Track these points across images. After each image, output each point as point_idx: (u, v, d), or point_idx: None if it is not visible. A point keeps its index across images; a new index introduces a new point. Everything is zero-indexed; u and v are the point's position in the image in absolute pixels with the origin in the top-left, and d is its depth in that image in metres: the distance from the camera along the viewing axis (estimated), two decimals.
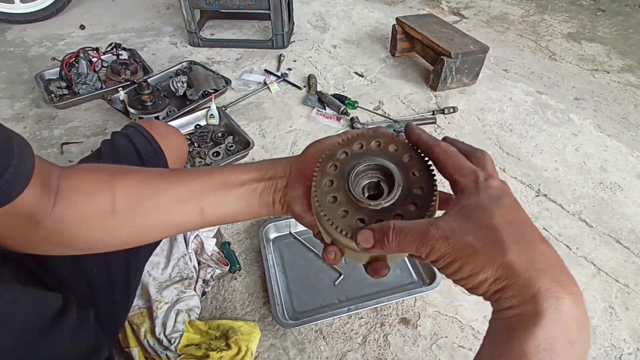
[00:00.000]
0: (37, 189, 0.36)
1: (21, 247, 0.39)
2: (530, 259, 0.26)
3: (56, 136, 1.36)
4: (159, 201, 0.41)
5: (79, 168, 0.42)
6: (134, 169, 0.43)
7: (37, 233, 0.37)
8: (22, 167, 0.34)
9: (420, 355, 0.83)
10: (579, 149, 1.35)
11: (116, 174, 0.41)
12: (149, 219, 0.41)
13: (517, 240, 0.26)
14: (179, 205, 0.41)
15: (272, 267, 0.94)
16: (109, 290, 0.56)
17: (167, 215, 0.41)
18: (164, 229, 0.43)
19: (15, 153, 0.32)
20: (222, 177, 0.41)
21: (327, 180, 0.33)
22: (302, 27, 2.09)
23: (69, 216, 0.38)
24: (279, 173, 0.41)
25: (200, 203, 0.41)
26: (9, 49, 1.88)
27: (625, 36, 2.11)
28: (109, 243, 0.42)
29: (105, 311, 0.55)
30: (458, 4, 2.45)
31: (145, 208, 0.41)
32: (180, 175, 0.42)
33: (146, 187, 0.41)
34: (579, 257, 1.02)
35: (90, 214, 0.39)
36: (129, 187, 0.40)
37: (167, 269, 0.88)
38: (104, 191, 0.40)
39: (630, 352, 0.84)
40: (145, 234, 0.43)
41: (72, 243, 0.41)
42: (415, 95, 1.60)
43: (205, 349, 0.78)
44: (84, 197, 0.39)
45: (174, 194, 0.41)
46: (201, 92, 1.46)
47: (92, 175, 0.41)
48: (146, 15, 2.21)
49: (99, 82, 1.51)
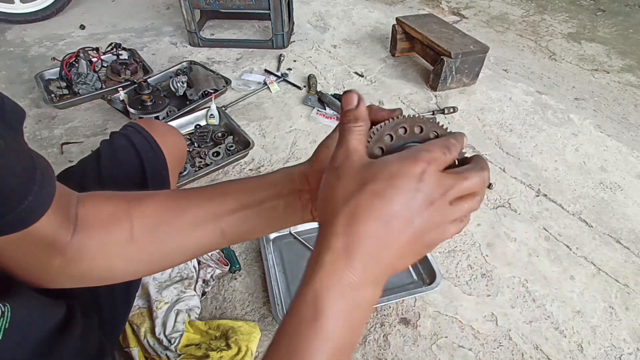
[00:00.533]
0: (57, 216, 0.35)
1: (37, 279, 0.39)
2: (350, 223, 0.29)
3: (56, 136, 1.36)
4: (177, 225, 0.40)
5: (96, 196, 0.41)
6: (147, 194, 0.43)
7: (55, 263, 0.37)
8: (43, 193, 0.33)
9: (420, 355, 0.83)
10: (579, 149, 1.35)
11: (131, 201, 0.41)
12: (169, 244, 0.41)
13: (360, 206, 0.29)
14: (197, 228, 0.40)
15: (272, 267, 0.94)
16: (110, 294, 0.56)
17: (187, 238, 0.41)
18: (185, 253, 0.43)
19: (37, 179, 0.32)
20: (238, 198, 0.41)
21: None
22: (302, 27, 2.09)
23: (88, 245, 0.38)
24: (297, 186, 0.40)
25: (219, 225, 0.41)
26: (9, 49, 1.88)
27: (625, 36, 2.11)
28: (128, 271, 0.42)
29: (106, 316, 0.55)
30: (458, 4, 2.45)
31: (164, 233, 0.40)
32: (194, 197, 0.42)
33: (162, 212, 0.41)
34: (579, 257, 1.02)
35: (109, 243, 0.39)
36: (145, 214, 0.40)
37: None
38: (122, 219, 0.39)
39: (630, 352, 0.84)
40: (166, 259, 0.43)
41: (90, 273, 0.40)
42: (415, 95, 1.60)
43: (205, 349, 0.78)
44: (101, 225, 0.39)
45: (191, 218, 0.40)
46: (201, 92, 1.46)
47: (109, 203, 0.41)
48: (146, 15, 2.22)
49: (99, 82, 1.51)
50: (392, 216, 0.28)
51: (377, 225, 0.28)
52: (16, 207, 0.31)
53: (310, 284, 0.29)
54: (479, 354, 0.83)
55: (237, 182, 0.43)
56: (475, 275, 0.97)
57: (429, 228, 0.30)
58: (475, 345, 0.84)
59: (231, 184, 0.43)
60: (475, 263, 0.99)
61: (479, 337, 0.85)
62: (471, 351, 0.83)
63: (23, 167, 0.31)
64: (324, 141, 0.39)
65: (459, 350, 0.83)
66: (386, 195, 0.28)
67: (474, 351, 0.83)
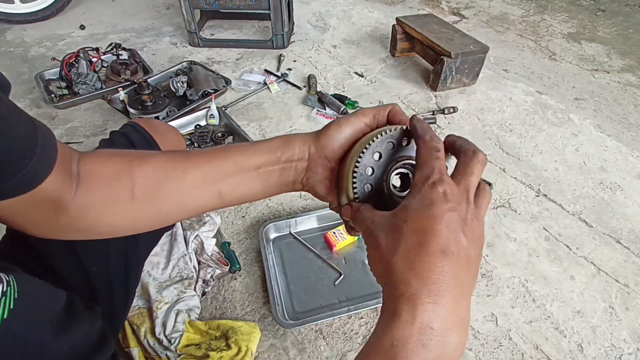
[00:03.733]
0: (60, 175, 0.36)
1: (46, 232, 0.40)
2: (411, 266, 0.28)
3: (56, 136, 1.35)
4: (177, 185, 0.41)
5: (97, 154, 0.42)
6: (150, 154, 0.43)
7: (61, 219, 0.38)
8: (47, 154, 0.34)
9: None
10: (579, 149, 1.35)
11: (133, 159, 0.42)
12: (168, 203, 0.42)
13: (411, 249, 0.28)
14: (196, 189, 0.41)
15: (272, 267, 0.94)
16: (108, 288, 0.57)
17: (186, 199, 0.42)
18: (183, 212, 0.44)
19: (39, 142, 0.33)
20: (236, 160, 0.41)
21: (368, 167, 0.36)
22: (302, 27, 2.09)
23: (90, 202, 0.39)
24: (296, 155, 0.41)
25: (217, 186, 0.41)
26: (9, 49, 1.88)
27: (625, 36, 2.11)
28: (130, 227, 0.43)
29: (105, 310, 0.55)
30: (458, 4, 2.45)
31: (165, 193, 0.41)
32: (195, 158, 0.43)
33: (164, 171, 0.42)
34: (579, 257, 1.02)
35: (111, 201, 0.40)
36: (146, 173, 0.41)
37: (167, 269, 0.88)
38: (123, 178, 0.40)
39: (630, 352, 0.84)
40: (165, 217, 0.44)
41: (94, 228, 0.41)
42: (415, 95, 1.60)
43: (205, 349, 0.78)
44: (103, 184, 0.40)
45: (191, 178, 0.41)
46: (201, 92, 1.46)
47: (110, 161, 0.42)
48: (146, 15, 2.21)
49: (99, 82, 1.51)
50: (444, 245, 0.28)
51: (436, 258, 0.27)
52: (21, 169, 0.32)
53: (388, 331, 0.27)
54: (479, 354, 0.83)
55: (236, 146, 0.43)
56: None
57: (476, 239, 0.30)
58: (475, 345, 0.84)
59: (230, 147, 0.43)
60: None
61: (479, 337, 0.85)
62: (471, 351, 0.83)
63: (25, 130, 0.32)
64: (339, 120, 0.40)
65: None
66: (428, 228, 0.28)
67: (474, 351, 0.83)
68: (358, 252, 1.00)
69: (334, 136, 0.39)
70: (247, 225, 1.07)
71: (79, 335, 0.43)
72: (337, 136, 0.39)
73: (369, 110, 0.39)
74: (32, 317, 0.36)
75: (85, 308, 0.47)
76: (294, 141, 0.41)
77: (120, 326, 0.67)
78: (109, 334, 0.50)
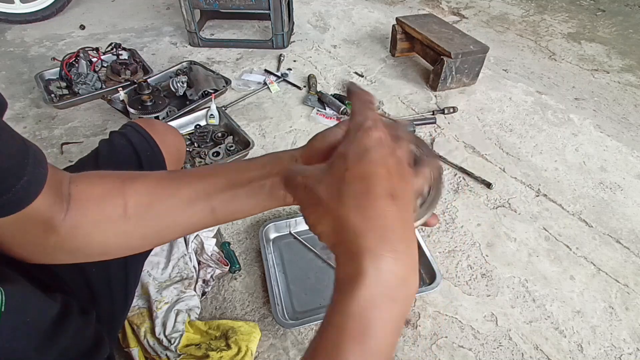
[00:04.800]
0: (50, 196, 0.36)
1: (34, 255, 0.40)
2: (363, 215, 0.26)
3: (56, 136, 1.36)
4: (170, 203, 0.41)
5: (88, 175, 0.42)
6: (141, 174, 0.44)
7: (51, 240, 0.38)
8: (37, 174, 0.34)
9: (420, 355, 0.83)
10: (579, 149, 1.35)
11: (125, 179, 0.42)
12: (162, 221, 0.42)
13: (358, 196, 0.26)
14: (189, 206, 0.42)
15: (272, 267, 0.94)
16: (107, 289, 0.56)
17: (179, 216, 0.42)
18: (177, 230, 0.44)
19: (30, 161, 0.33)
20: (228, 177, 0.42)
21: None
22: (302, 27, 2.09)
23: (82, 222, 0.39)
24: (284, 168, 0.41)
25: (210, 203, 0.42)
26: (9, 49, 1.88)
27: (625, 36, 2.11)
28: (123, 247, 0.43)
29: (104, 311, 0.55)
30: (458, 4, 2.45)
31: (157, 211, 0.41)
32: (187, 176, 0.43)
33: (155, 190, 0.42)
34: (579, 257, 1.02)
35: (103, 219, 0.40)
36: (139, 192, 0.41)
37: (167, 269, 0.88)
38: (115, 197, 0.40)
39: (630, 352, 0.84)
40: (158, 236, 0.44)
41: (85, 249, 0.41)
42: (415, 95, 1.60)
43: (205, 349, 0.78)
44: (95, 203, 0.40)
45: (184, 196, 0.41)
46: (201, 92, 1.46)
47: (102, 181, 0.42)
48: (146, 15, 2.21)
49: (98, 82, 1.51)
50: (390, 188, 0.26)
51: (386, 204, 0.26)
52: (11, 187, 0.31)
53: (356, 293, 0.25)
54: (479, 354, 0.83)
55: (227, 163, 0.45)
56: (475, 275, 0.97)
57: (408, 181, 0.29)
58: (475, 345, 0.84)
59: (222, 165, 0.44)
60: (475, 263, 0.99)
61: (479, 337, 0.85)
62: (471, 351, 0.83)
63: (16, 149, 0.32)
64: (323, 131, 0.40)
65: (459, 350, 0.83)
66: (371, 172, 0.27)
67: (474, 351, 0.83)
68: None
69: (319, 145, 0.39)
70: (247, 225, 1.07)
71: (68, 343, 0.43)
72: (321, 145, 0.38)
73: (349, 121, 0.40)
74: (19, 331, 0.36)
75: (81, 313, 0.47)
76: (283, 156, 0.42)
77: (119, 327, 0.67)
78: (104, 338, 0.50)
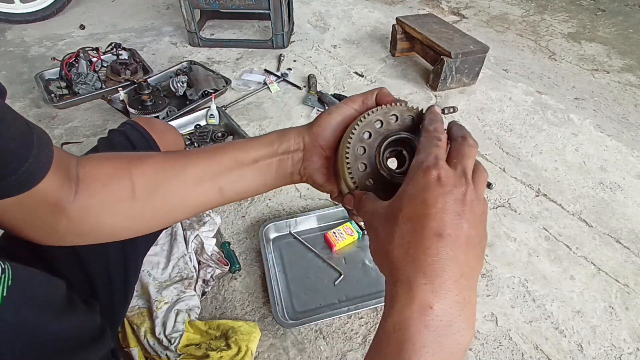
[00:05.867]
0: (58, 177, 0.37)
1: (46, 237, 0.40)
2: (406, 252, 0.28)
3: (56, 136, 1.36)
4: (177, 183, 0.41)
5: (95, 157, 0.42)
6: (148, 154, 0.44)
7: (61, 222, 0.38)
8: (42, 155, 0.35)
9: None
10: (578, 149, 1.35)
11: (132, 160, 0.42)
12: (170, 201, 0.42)
13: (405, 235, 0.29)
14: (197, 185, 0.42)
15: (272, 267, 0.94)
16: (107, 284, 0.56)
17: (187, 196, 0.42)
18: (185, 210, 0.44)
19: (35, 143, 0.34)
20: (235, 155, 0.42)
21: (359, 146, 0.37)
22: (302, 27, 2.09)
23: (91, 204, 0.39)
24: (291, 146, 0.41)
25: (217, 182, 0.42)
26: (9, 49, 1.88)
27: (625, 36, 2.11)
28: (133, 228, 0.43)
29: (104, 306, 0.55)
30: (458, 4, 2.45)
31: (165, 191, 0.41)
32: (193, 156, 0.43)
33: (163, 170, 0.42)
34: (579, 257, 1.02)
35: (112, 201, 0.40)
36: (146, 172, 0.41)
37: (167, 269, 0.88)
38: (123, 178, 0.40)
39: (630, 352, 0.84)
40: (167, 216, 0.44)
41: (95, 231, 0.41)
42: (415, 95, 1.60)
43: (205, 349, 0.78)
44: (103, 184, 0.40)
45: (191, 175, 0.42)
46: (201, 92, 1.46)
47: (109, 163, 0.42)
48: (146, 15, 2.21)
49: (98, 82, 1.51)
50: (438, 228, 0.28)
51: (430, 242, 0.28)
52: (17, 169, 0.32)
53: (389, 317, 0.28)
54: (479, 353, 0.83)
55: (234, 142, 0.44)
56: None
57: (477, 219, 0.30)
58: (475, 345, 0.84)
59: (228, 144, 0.44)
60: None
61: (479, 337, 0.85)
62: (471, 351, 0.83)
63: (20, 131, 0.33)
64: (330, 109, 0.41)
65: None
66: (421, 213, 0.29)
67: (474, 351, 0.83)
68: (358, 252, 1.00)
69: (326, 124, 0.40)
70: (247, 225, 1.07)
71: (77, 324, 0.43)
72: (329, 124, 0.40)
73: (357, 97, 0.40)
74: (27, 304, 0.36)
75: (84, 303, 0.47)
76: (289, 133, 0.42)
77: (119, 323, 0.67)
78: (107, 331, 0.50)
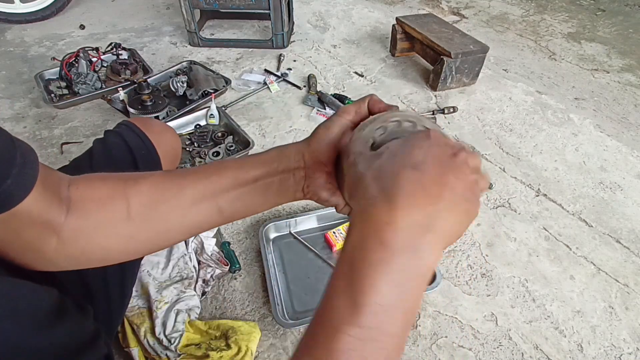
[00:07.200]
0: (44, 198, 0.35)
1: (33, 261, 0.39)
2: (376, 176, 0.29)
3: (56, 136, 1.36)
4: (175, 203, 0.40)
5: (89, 177, 0.41)
6: (144, 174, 0.43)
7: (51, 244, 0.37)
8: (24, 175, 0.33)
9: (420, 355, 0.83)
10: (578, 149, 1.35)
11: (127, 180, 0.41)
12: (167, 222, 0.41)
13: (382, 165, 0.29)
14: (195, 206, 0.41)
15: (272, 267, 0.94)
16: (104, 288, 0.56)
17: (185, 217, 0.41)
18: (182, 231, 0.43)
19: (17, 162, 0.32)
20: (234, 175, 0.41)
21: None
22: (302, 27, 2.09)
23: (83, 225, 0.38)
24: (292, 164, 0.41)
25: (217, 202, 0.41)
26: (9, 49, 1.88)
27: (625, 36, 2.11)
28: (126, 250, 0.42)
29: (101, 310, 0.54)
30: (458, 4, 2.45)
31: (161, 212, 0.40)
32: (191, 176, 0.42)
33: (159, 190, 0.41)
34: (579, 257, 1.02)
35: (105, 222, 0.39)
36: (141, 193, 0.40)
37: (167, 268, 0.88)
38: (118, 199, 0.39)
39: (630, 352, 0.84)
40: (163, 237, 0.43)
41: (87, 253, 0.40)
42: (415, 95, 1.60)
43: (205, 348, 0.78)
44: (97, 205, 0.39)
45: (189, 196, 0.40)
46: (201, 92, 1.46)
47: (104, 183, 0.41)
48: (146, 15, 2.21)
49: (98, 82, 1.51)
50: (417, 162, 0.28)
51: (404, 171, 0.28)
52: None
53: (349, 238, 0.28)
54: (478, 353, 0.83)
55: (232, 161, 0.43)
56: (475, 275, 0.97)
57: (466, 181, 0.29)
58: (475, 345, 0.84)
59: (227, 162, 0.43)
60: (475, 263, 0.99)
61: (479, 337, 0.85)
62: (471, 351, 0.83)
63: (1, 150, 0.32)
64: (324, 122, 0.40)
65: (458, 350, 0.83)
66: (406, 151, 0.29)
67: (474, 351, 0.83)
68: None
69: (323, 139, 0.39)
70: (247, 225, 1.07)
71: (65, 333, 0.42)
72: (326, 138, 0.39)
73: (350, 107, 0.40)
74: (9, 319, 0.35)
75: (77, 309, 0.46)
76: (288, 150, 0.41)
77: (117, 326, 0.66)
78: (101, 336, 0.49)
